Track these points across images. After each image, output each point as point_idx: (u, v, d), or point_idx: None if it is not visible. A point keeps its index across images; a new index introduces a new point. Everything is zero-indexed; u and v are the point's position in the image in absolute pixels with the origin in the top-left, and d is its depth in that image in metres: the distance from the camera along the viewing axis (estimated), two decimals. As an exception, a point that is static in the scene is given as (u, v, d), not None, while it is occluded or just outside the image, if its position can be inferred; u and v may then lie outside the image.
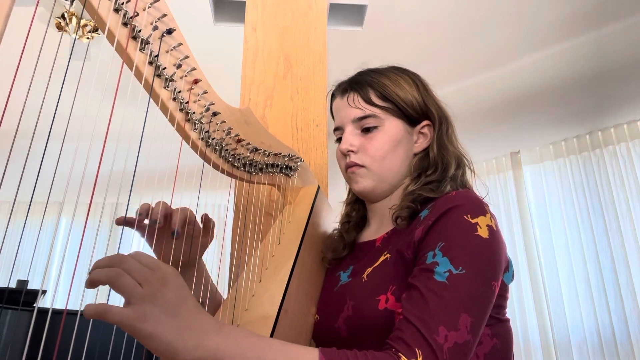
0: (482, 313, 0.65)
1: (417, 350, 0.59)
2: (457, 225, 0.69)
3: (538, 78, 3.31)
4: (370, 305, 0.71)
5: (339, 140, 0.90)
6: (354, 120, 0.86)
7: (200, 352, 0.51)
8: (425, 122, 0.88)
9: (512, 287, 0.78)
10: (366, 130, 0.86)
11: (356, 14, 2.30)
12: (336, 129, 0.91)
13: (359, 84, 0.88)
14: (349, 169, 0.87)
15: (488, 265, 0.67)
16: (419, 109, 0.87)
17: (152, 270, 0.52)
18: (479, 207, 0.71)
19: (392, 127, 0.85)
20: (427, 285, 0.65)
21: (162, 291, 0.51)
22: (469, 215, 0.69)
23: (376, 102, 0.85)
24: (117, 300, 0.49)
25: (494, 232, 0.69)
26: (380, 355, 0.60)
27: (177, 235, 0.75)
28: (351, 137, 0.86)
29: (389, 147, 0.84)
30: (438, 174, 0.83)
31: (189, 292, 0.55)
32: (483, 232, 0.68)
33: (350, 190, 0.98)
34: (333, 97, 0.94)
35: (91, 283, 0.50)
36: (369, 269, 0.78)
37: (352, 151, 0.86)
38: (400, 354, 0.59)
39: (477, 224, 0.69)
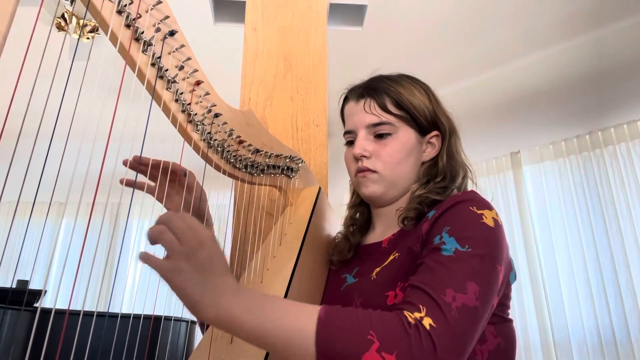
0: (489, 286, 0.65)
1: (420, 306, 0.59)
2: (464, 213, 0.71)
3: (538, 78, 3.31)
4: (379, 301, 0.72)
5: (349, 143, 0.91)
6: (369, 126, 0.87)
7: (214, 309, 0.57)
8: (434, 133, 0.89)
9: (512, 287, 0.79)
10: (379, 137, 0.87)
11: (356, 14, 2.30)
12: (347, 132, 0.91)
13: (375, 90, 0.88)
14: (359, 173, 0.88)
15: (493, 248, 0.68)
16: (430, 119, 0.89)
17: (193, 231, 0.58)
18: (485, 203, 0.73)
19: (405, 135, 0.87)
20: (434, 259, 0.66)
21: (197, 251, 0.57)
22: (474, 207, 0.72)
23: (392, 110, 0.87)
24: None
25: (498, 225, 0.71)
26: (385, 313, 0.60)
27: (187, 175, 0.88)
28: (365, 142, 0.87)
29: (402, 155, 0.86)
30: (446, 182, 0.85)
31: (221, 255, 0.61)
32: (489, 222, 0.70)
33: (354, 193, 0.98)
34: (346, 100, 0.94)
35: (149, 239, 0.58)
36: (378, 268, 0.79)
37: (365, 156, 0.86)
38: (404, 311, 0.59)
39: (482, 214, 0.71)
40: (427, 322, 0.57)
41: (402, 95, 0.87)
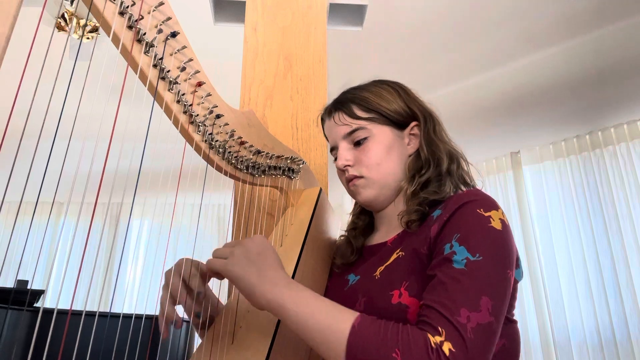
0: (502, 297, 0.66)
1: (440, 329, 0.60)
2: (472, 217, 0.71)
3: (538, 78, 3.31)
4: (384, 300, 0.72)
5: (336, 159, 0.92)
6: (344, 136, 0.89)
7: (269, 296, 0.66)
8: (413, 124, 0.90)
9: (513, 287, 0.79)
10: (358, 143, 0.89)
11: (356, 14, 2.31)
12: (332, 150, 0.94)
13: (342, 102, 0.92)
14: (349, 183, 0.90)
15: (503, 254, 0.69)
16: (404, 113, 0.90)
17: (245, 239, 0.71)
18: (491, 203, 0.74)
19: (380, 134, 0.88)
20: (446, 272, 0.66)
21: (249, 246, 0.70)
22: (481, 209, 0.72)
23: (360, 115, 0.89)
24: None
25: (506, 226, 0.72)
26: (412, 329, 0.61)
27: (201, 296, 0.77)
28: (345, 152, 0.89)
29: (382, 154, 0.87)
30: (431, 171, 0.85)
31: (272, 250, 0.71)
32: (496, 224, 0.70)
33: (356, 202, 0.99)
34: (323, 120, 0.98)
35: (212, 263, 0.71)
36: (382, 267, 0.79)
37: (349, 165, 0.89)
38: (428, 333, 0.60)
39: (490, 216, 0.71)
40: (446, 347, 0.59)
41: (368, 99, 0.89)
